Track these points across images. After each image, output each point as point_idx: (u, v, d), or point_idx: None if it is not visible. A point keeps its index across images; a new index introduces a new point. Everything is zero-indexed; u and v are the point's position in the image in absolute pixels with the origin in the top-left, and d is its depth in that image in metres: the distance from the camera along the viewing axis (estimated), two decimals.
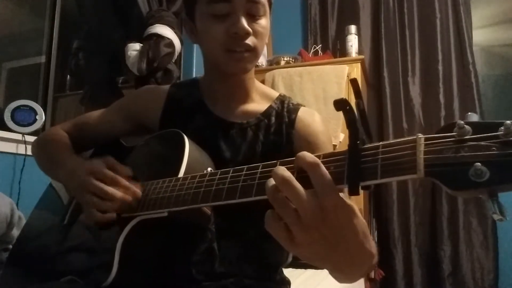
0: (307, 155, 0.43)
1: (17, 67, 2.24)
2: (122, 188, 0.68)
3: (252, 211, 0.72)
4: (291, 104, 0.86)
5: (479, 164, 0.35)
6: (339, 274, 0.53)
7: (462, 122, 0.38)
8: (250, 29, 0.74)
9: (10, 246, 1.23)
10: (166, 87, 0.92)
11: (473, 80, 2.38)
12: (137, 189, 0.68)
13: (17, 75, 2.21)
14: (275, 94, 0.90)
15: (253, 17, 0.76)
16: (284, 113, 0.84)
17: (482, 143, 0.37)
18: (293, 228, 0.43)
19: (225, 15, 0.74)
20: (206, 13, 0.76)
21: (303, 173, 0.44)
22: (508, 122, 0.36)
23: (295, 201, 0.42)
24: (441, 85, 2.46)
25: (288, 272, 0.88)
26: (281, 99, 0.87)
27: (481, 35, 2.62)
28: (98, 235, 0.73)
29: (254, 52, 0.77)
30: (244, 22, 0.74)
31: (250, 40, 0.75)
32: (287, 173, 0.43)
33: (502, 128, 0.36)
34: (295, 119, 0.83)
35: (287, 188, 0.42)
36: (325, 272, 1.69)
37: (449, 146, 0.38)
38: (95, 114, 0.95)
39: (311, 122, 0.83)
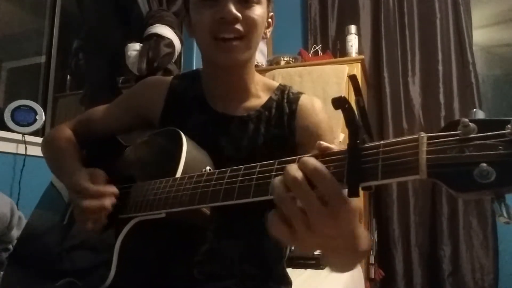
0: (310, 162, 0.42)
1: (17, 67, 2.24)
2: (96, 195, 0.68)
3: (250, 210, 0.72)
4: (291, 94, 0.84)
5: (484, 164, 0.33)
6: (330, 260, 0.57)
7: (466, 120, 0.36)
8: (238, 14, 0.72)
9: (10, 246, 1.23)
10: (169, 78, 0.91)
11: (473, 80, 2.38)
12: (110, 189, 0.69)
13: (17, 75, 2.21)
14: (275, 84, 0.88)
15: (245, 3, 0.73)
16: (284, 104, 0.82)
17: (488, 142, 0.35)
18: (298, 225, 0.43)
19: (214, 0, 0.73)
20: (197, 0, 0.75)
21: None
22: None
23: (305, 202, 0.42)
24: (441, 85, 2.46)
25: (288, 272, 0.88)
26: (281, 89, 0.85)
27: (481, 35, 2.62)
28: (97, 237, 0.73)
29: (244, 40, 0.74)
30: (231, 6, 0.71)
31: (239, 26, 0.73)
32: (299, 174, 0.42)
33: (509, 126, 0.34)
34: (296, 110, 0.81)
35: (298, 189, 0.42)
36: (325, 272, 1.67)
37: (453, 146, 0.36)
38: (100, 108, 0.95)
39: (311, 111, 0.82)
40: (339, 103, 0.44)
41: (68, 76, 2.43)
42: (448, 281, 2.28)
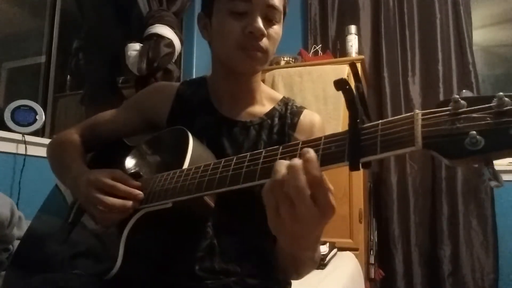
0: (319, 173, 0.45)
1: (17, 67, 2.24)
2: (123, 194, 0.68)
3: (250, 207, 0.72)
4: (294, 107, 0.88)
5: (474, 133, 0.37)
6: (295, 259, 0.66)
7: (457, 96, 0.40)
8: (265, 31, 0.77)
9: (10, 247, 1.23)
10: (176, 84, 0.94)
11: (473, 80, 2.38)
12: (138, 191, 0.69)
13: (17, 75, 2.21)
14: (279, 96, 0.92)
15: (269, 21, 0.79)
16: (287, 115, 0.86)
17: (476, 114, 0.39)
18: (284, 212, 0.46)
19: (243, 13, 0.77)
20: (224, 9, 0.78)
21: None
22: (501, 93, 0.38)
23: (301, 203, 0.45)
24: (441, 85, 2.46)
25: None
26: (285, 101, 0.90)
27: (481, 35, 2.63)
28: (103, 230, 0.74)
29: (265, 54, 0.79)
30: (260, 23, 0.76)
31: (264, 42, 0.78)
32: (303, 180, 0.44)
33: (495, 99, 0.38)
34: (297, 123, 0.85)
35: (300, 196, 0.44)
36: (325, 272, 1.67)
37: (445, 119, 0.40)
38: (107, 113, 0.97)
39: (310, 128, 0.86)
40: (340, 84, 0.47)
41: (68, 76, 2.43)
42: (448, 281, 2.28)
